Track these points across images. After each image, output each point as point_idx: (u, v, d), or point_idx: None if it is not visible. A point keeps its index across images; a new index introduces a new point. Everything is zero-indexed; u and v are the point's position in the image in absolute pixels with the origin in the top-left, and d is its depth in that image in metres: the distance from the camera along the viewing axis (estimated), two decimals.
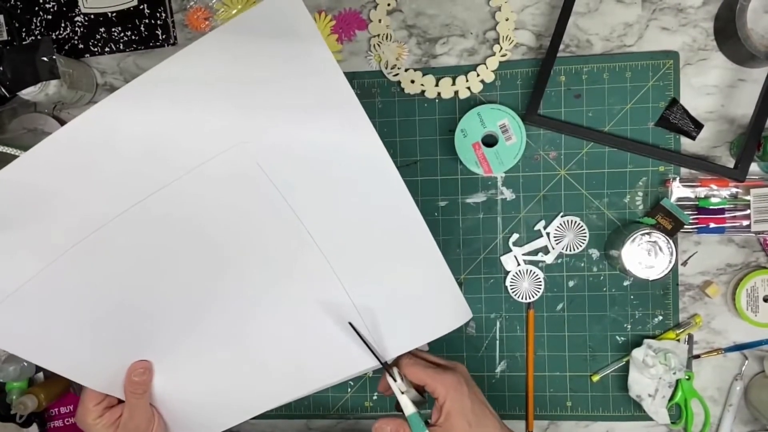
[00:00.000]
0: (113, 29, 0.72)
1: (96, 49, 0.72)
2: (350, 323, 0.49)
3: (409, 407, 0.49)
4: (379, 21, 0.68)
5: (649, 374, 0.65)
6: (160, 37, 0.71)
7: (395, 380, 0.49)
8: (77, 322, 0.49)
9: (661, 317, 0.67)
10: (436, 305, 0.51)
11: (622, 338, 0.68)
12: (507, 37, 0.67)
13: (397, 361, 0.51)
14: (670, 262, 0.61)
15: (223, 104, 0.45)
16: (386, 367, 0.50)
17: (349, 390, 0.72)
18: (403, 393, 0.49)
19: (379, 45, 0.69)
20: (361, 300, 0.50)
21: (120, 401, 0.53)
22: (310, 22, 0.44)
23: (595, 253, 0.68)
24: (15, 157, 0.46)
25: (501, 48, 0.67)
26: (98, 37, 0.72)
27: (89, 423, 0.51)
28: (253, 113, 0.46)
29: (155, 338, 0.51)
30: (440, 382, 0.49)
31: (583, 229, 0.67)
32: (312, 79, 0.45)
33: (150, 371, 0.52)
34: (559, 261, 0.68)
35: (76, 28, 0.72)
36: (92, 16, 0.72)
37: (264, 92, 0.45)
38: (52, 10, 0.72)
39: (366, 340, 0.49)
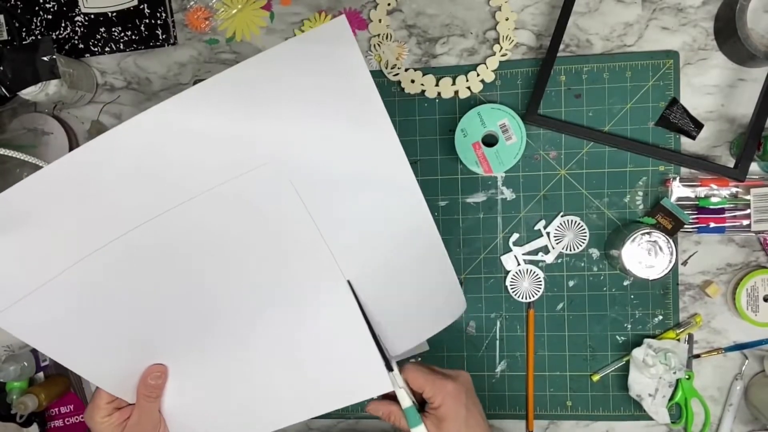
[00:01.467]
0: (113, 29, 0.72)
1: (96, 49, 0.72)
2: (348, 282, 0.48)
3: (405, 400, 0.49)
4: (379, 21, 0.68)
5: (650, 374, 0.65)
6: (161, 37, 0.71)
7: (391, 370, 0.49)
8: (95, 323, 0.49)
9: (661, 317, 0.67)
10: (437, 305, 0.53)
11: (622, 338, 0.68)
12: (507, 36, 0.67)
13: (400, 367, 0.51)
14: (670, 261, 0.61)
15: (258, 122, 0.45)
16: (383, 353, 0.49)
17: None
18: (400, 387, 0.49)
19: (379, 45, 0.69)
20: (377, 317, 0.50)
21: (129, 405, 0.53)
22: (356, 50, 0.43)
23: (595, 252, 0.68)
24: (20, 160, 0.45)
25: (501, 48, 0.67)
26: (98, 36, 0.72)
27: (97, 420, 0.51)
28: (287, 131, 0.45)
29: (168, 346, 0.51)
30: (439, 389, 0.48)
31: (583, 229, 0.67)
32: (350, 102, 0.45)
33: (165, 376, 0.52)
34: (559, 261, 0.68)
35: (77, 28, 0.72)
36: (92, 16, 0.72)
37: (300, 111, 0.45)
38: (52, 9, 0.72)
39: (366, 313, 0.48)
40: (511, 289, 0.69)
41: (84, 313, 0.48)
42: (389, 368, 0.49)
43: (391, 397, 0.51)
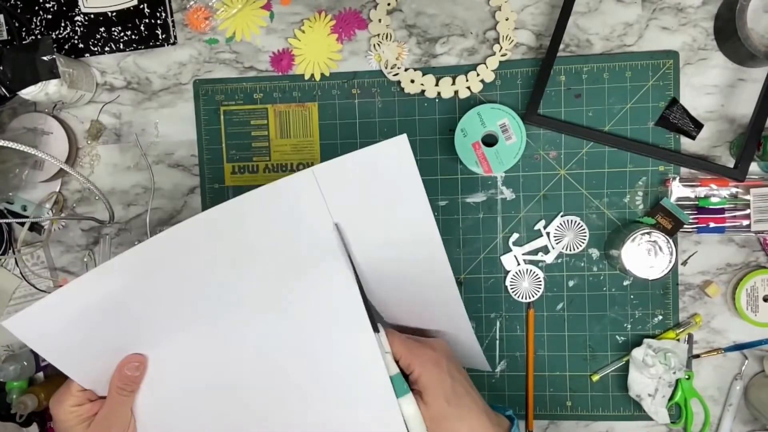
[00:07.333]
0: (113, 29, 0.72)
1: (96, 49, 0.72)
2: (336, 224, 0.46)
3: (392, 367, 0.46)
4: (379, 20, 0.68)
5: (649, 374, 0.65)
6: (160, 37, 0.71)
7: (377, 331, 0.46)
8: (93, 326, 0.45)
9: (661, 317, 0.67)
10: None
11: (622, 338, 0.68)
12: (507, 36, 0.67)
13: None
14: (670, 261, 0.61)
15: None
16: (370, 313, 0.46)
17: None
18: (387, 352, 0.46)
19: (379, 44, 0.69)
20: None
21: (101, 398, 0.48)
22: (414, 167, 0.45)
23: (595, 252, 0.68)
24: (21, 151, 0.44)
25: (501, 47, 0.67)
26: (98, 36, 0.72)
27: (65, 408, 0.46)
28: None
29: (153, 333, 0.47)
30: (416, 355, 0.45)
31: (583, 229, 0.67)
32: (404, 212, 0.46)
33: (144, 368, 0.46)
34: (559, 261, 0.68)
35: (76, 28, 0.72)
36: (92, 16, 0.72)
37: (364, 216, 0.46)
38: (52, 9, 0.72)
39: (350, 252, 0.46)
40: (511, 289, 0.69)
41: (87, 322, 0.45)
42: (375, 329, 0.46)
43: None
